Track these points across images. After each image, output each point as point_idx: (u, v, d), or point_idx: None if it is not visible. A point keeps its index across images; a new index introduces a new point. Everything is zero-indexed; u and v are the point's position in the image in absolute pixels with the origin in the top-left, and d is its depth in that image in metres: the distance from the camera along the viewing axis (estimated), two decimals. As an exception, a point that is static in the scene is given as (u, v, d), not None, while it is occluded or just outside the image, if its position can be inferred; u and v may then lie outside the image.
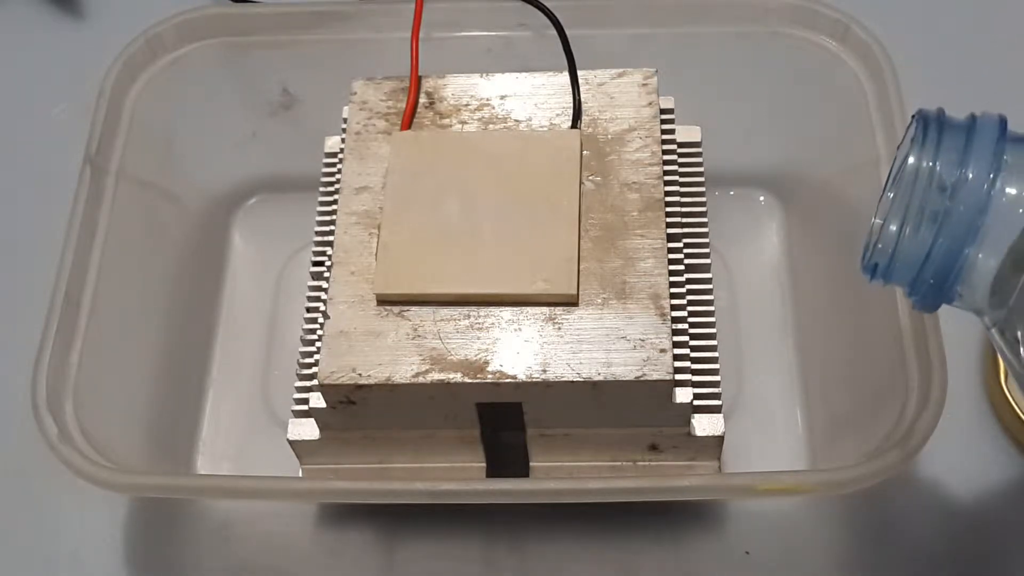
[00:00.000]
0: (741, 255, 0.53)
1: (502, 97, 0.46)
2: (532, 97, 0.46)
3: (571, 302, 0.41)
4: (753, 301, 0.52)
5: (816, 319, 0.51)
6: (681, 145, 0.47)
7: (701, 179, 0.47)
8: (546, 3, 0.47)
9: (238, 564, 0.47)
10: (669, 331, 0.41)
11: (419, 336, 0.41)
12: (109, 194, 0.48)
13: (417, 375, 0.40)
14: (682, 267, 0.43)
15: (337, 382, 0.40)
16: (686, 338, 0.42)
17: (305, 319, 0.44)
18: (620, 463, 0.44)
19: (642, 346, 0.40)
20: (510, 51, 0.51)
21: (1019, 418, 0.47)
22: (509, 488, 0.41)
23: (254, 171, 0.56)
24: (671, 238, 0.43)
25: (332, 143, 0.48)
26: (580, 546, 0.47)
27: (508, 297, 0.41)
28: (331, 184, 0.47)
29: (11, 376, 0.45)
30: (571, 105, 0.46)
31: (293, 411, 0.43)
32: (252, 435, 0.50)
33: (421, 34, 0.47)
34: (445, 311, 0.41)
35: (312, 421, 0.43)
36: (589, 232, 0.43)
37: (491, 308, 0.41)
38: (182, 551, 0.48)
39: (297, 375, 0.43)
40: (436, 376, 0.40)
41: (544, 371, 0.40)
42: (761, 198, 0.55)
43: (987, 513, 0.47)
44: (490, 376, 0.40)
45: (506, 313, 0.41)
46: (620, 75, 0.47)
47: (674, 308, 0.42)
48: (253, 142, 0.55)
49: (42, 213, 0.51)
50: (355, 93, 0.47)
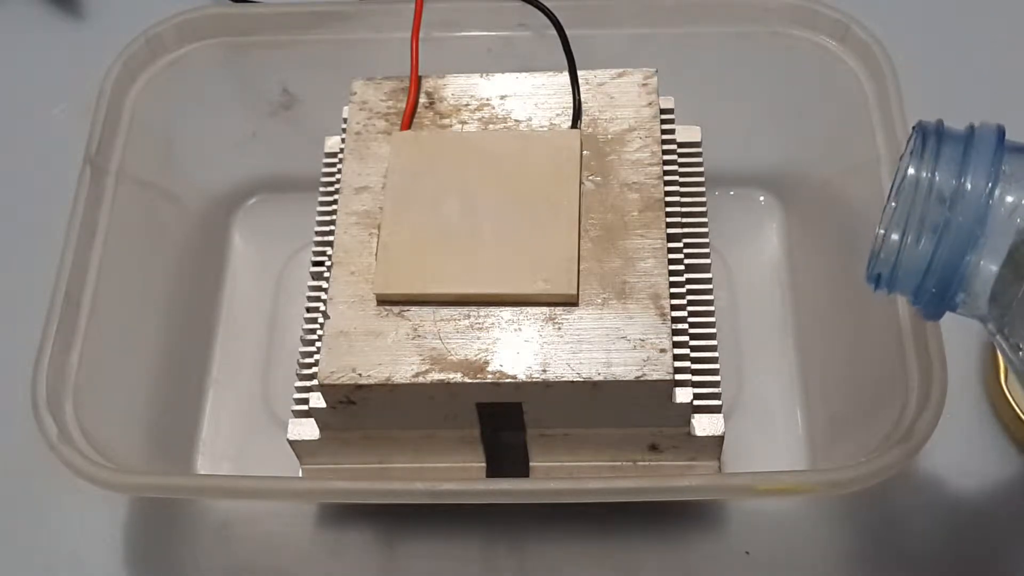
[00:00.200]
0: (741, 255, 0.53)
1: (502, 97, 0.46)
2: (532, 97, 0.46)
3: (571, 302, 0.41)
4: (753, 301, 0.52)
5: (816, 319, 0.51)
6: (681, 145, 0.47)
7: (701, 179, 0.47)
8: (546, 3, 0.47)
9: (238, 564, 0.47)
10: (669, 331, 0.41)
11: (419, 336, 0.41)
12: (109, 194, 0.48)
13: (417, 375, 0.40)
14: (682, 267, 0.43)
15: (337, 382, 0.40)
16: (686, 338, 0.42)
17: (305, 319, 0.44)
18: (620, 463, 0.44)
19: (642, 346, 0.40)
20: (510, 51, 0.51)
21: (1019, 418, 0.47)
22: (509, 488, 0.41)
23: (254, 171, 0.56)
24: (671, 238, 0.43)
25: (332, 143, 0.48)
26: (580, 546, 0.47)
27: (508, 297, 0.41)
28: (331, 184, 0.47)
29: (11, 376, 0.45)
30: (571, 105, 0.46)
31: (293, 411, 0.43)
32: (252, 435, 0.50)
33: (421, 34, 0.47)
34: (445, 311, 0.41)
35: (312, 421, 0.43)
36: (589, 232, 0.43)
37: (491, 308, 0.41)
38: (182, 551, 0.48)
39: (297, 375, 0.43)
40: (436, 376, 0.40)
41: (544, 371, 0.40)
42: (761, 198, 0.55)
43: (987, 512, 0.47)
44: (490, 376, 0.40)
45: (506, 313, 0.41)
46: (620, 75, 0.47)
47: (674, 308, 0.42)
48: (253, 142, 0.55)
49: (42, 213, 0.51)
50: (355, 93, 0.47)
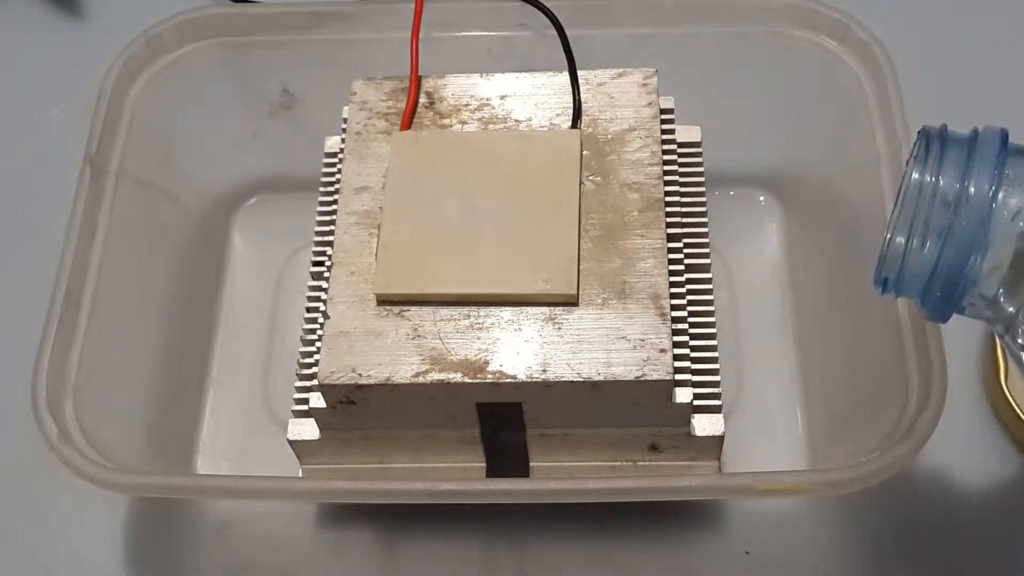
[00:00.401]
0: (741, 255, 0.53)
1: (502, 97, 0.46)
2: (532, 97, 0.46)
3: (571, 302, 0.41)
4: (753, 301, 0.52)
5: (816, 319, 0.51)
6: (681, 145, 0.47)
7: (701, 179, 0.47)
8: (546, 3, 0.47)
9: (238, 564, 0.47)
10: (669, 331, 0.41)
11: (419, 336, 0.41)
12: (109, 194, 0.48)
13: (417, 375, 0.40)
14: (682, 267, 0.43)
15: (337, 382, 0.40)
16: (686, 338, 0.42)
17: (305, 319, 0.44)
18: (620, 463, 0.44)
19: (642, 346, 0.40)
20: (510, 51, 0.51)
21: (1019, 418, 0.47)
22: (509, 488, 0.41)
23: (254, 171, 0.56)
24: (671, 238, 0.43)
25: (332, 143, 0.48)
26: (580, 546, 0.47)
27: (508, 297, 0.41)
28: (331, 184, 0.47)
29: (11, 376, 0.45)
30: (571, 105, 0.46)
31: (293, 411, 0.43)
32: (252, 435, 0.50)
33: (421, 34, 0.47)
34: (445, 311, 0.41)
35: (312, 421, 0.43)
36: (589, 232, 0.43)
37: (491, 308, 0.41)
38: (182, 551, 0.48)
39: (297, 375, 0.43)
40: (436, 376, 0.40)
41: (544, 371, 0.40)
42: (761, 198, 0.55)
43: (987, 512, 0.47)
44: (490, 376, 0.40)
45: (506, 313, 0.41)
46: (620, 75, 0.47)
47: (674, 308, 0.42)
48: (253, 142, 0.55)
49: (42, 213, 0.51)
50: (355, 93, 0.47)
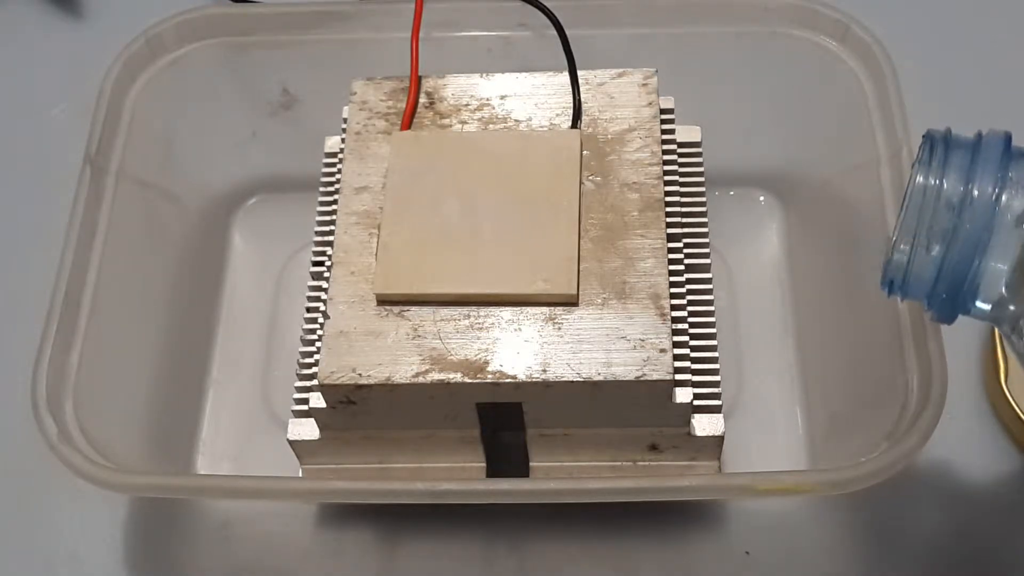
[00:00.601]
0: (741, 255, 0.53)
1: (502, 97, 0.46)
2: (532, 97, 0.46)
3: (571, 302, 0.41)
4: (753, 301, 0.52)
5: (816, 319, 0.51)
6: (681, 145, 0.47)
7: (701, 179, 0.47)
8: (546, 3, 0.47)
9: (238, 564, 0.47)
10: (669, 331, 0.41)
11: (419, 336, 0.41)
12: (109, 194, 0.48)
13: (417, 375, 0.40)
14: (682, 267, 0.43)
15: (337, 382, 0.40)
16: (686, 338, 0.42)
17: (305, 319, 0.44)
18: (620, 463, 0.44)
19: (642, 346, 0.40)
20: (510, 51, 0.51)
21: (1019, 418, 0.47)
22: (509, 488, 0.41)
23: (254, 171, 0.56)
24: (671, 238, 0.43)
25: (332, 143, 0.48)
26: (580, 546, 0.47)
27: (508, 297, 0.41)
28: (331, 184, 0.47)
29: (11, 376, 0.45)
30: (571, 105, 0.46)
31: (293, 411, 0.43)
32: (252, 435, 0.50)
33: (421, 34, 0.47)
34: (445, 311, 0.41)
35: (312, 421, 0.43)
36: (589, 232, 0.43)
37: (491, 308, 0.41)
38: (182, 551, 0.48)
39: (297, 375, 0.43)
40: (436, 376, 0.40)
41: (544, 371, 0.40)
42: (761, 198, 0.55)
43: (987, 512, 0.47)
44: (490, 376, 0.40)
45: (506, 313, 0.41)
46: (620, 75, 0.47)
47: (674, 308, 0.42)
48: (253, 142, 0.55)
49: (42, 213, 0.51)
50: (355, 93, 0.47)
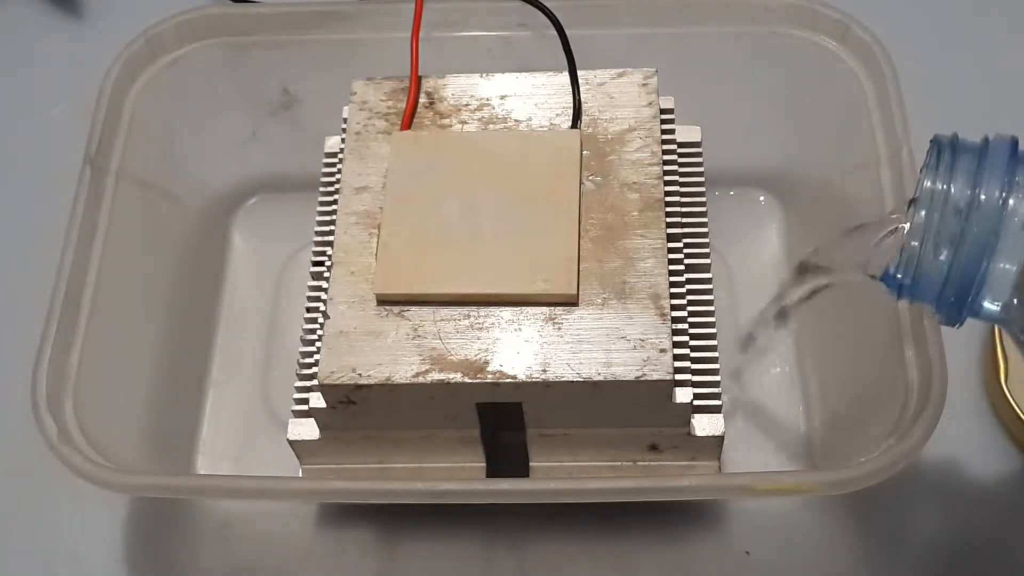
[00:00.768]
0: (741, 255, 0.53)
1: (502, 97, 0.46)
2: (532, 97, 0.46)
3: (571, 302, 0.41)
4: (753, 301, 0.52)
5: (816, 319, 0.51)
6: (681, 145, 0.47)
7: (701, 179, 0.47)
8: (546, 3, 0.47)
9: (238, 564, 0.47)
10: (669, 331, 0.41)
11: (419, 336, 0.41)
12: (109, 194, 0.48)
13: (417, 375, 0.40)
14: (682, 267, 0.43)
15: (337, 382, 0.40)
16: (686, 338, 0.42)
17: (305, 319, 0.44)
18: (620, 463, 0.44)
19: (642, 346, 0.40)
20: (510, 51, 0.51)
21: (1019, 418, 0.47)
22: (509, 488, 0.41)
23: (254, 171, 0.56)
24: (671, 238, 0.43)
25: (332, 143, 0.48)
26: (580, 546, 0.47)
27: (508, 297, 0.41)
28: (331, 184, 0.47)
29: (11, 376, 0.45)
30: (571, 105, 0.46)
31: (293, 411, 0.43)
32: (252, 435, 0.50)
33: (421, 34, 0.47)
34: (445, 311, 0.41)
35: (312, 421, 0.43)
36: (589, 232, 0.43)
37: (491, 308, 0.41)
38: (182, 551, 0.48)
39: (297, 375, 0.43)
40: (436, 376, 0.40)
41: (544, 371, 0.40)
42: (761, 198, 0.55)
43: (987, 512, 0.47)
44: (490, 376, 0.40)
45: (506, 313, 0.41)
46: (620, 75, 0.47)
47: (674, 308, 0.42)
48: (253, 142, 0.55)
49: (42, 213, 0.51)
50: (355, 93, 0.47)
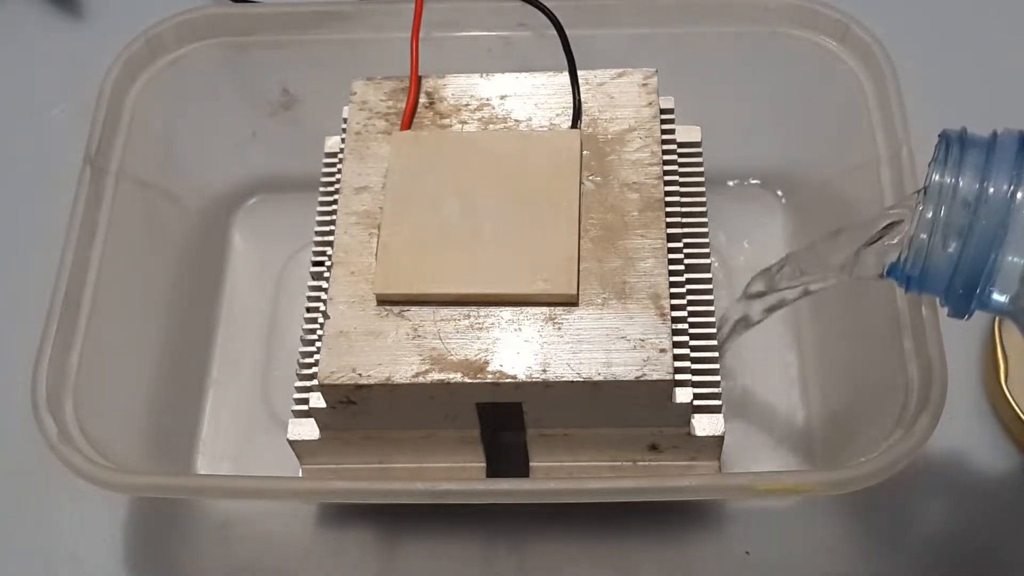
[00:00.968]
0: (741, 255, 0.53)
1: (502, 97, 0.46)
2: (532, 97, 0.46)
3: (571, 302, 0.41)
4: (753, 301, 0.52)
5: (816, 319, 0.51)
6: (681, 145, 0.47)
7: (701, 179, 0.47)
8: (546, 3, 0.47)
9: (238, 564, 0.47)
10: (669, 331, 0.41)
11: (419, 336, 0.41)
12: (109, 194, 0.48)
13: (417, 375, 0.40)
14: (682, 267, 0.43)
15: (337, 382, 0.40)
16: (686, 338, 0.42)
17: (305, 319, 0.44)
18: (620, 463, 0.44)
19: (642, 346, 0.40)
20: (510, 51, 0.51)
21: (1019, 418, 0.47)
22: (509, 488, 0.41)
23: (254, 171, 0.56)
24: (671, 238, 0.43)
25: (332, 143, 0.48)
26: (580, 546, 0.47)
27: (508, 297, 0.41)
28: (331, 184, 0.47)
29: (11, 376, 0.45)
30: (571, 105, 0.46)
31: (293, 411, 0.43)
32: (252, 435, 0.50)
33: (421, 34, 0.47)
34: (445, 311, 0.41)
35: (312, 421, 0.43)
36: (589, 232, 0.43)
37: (491, 308, 0.41)
38: (182, 551, 0.48)
39: (297, 375, 0.43)
40: (436, 376, 0.40)
41: (544, 371, 0.40)
42: (761, 198, 0.55)
43: (987, 512, 0.47)
44: (490, 376, 0.40)
45: (506, 313, 0.41)
46: (620, 75, 0.47)
47: (674, 308, 0.42)
48: (253, 142, 0.56)
49: (42, 213, 0.51)
50: (355, 93, 0.47)
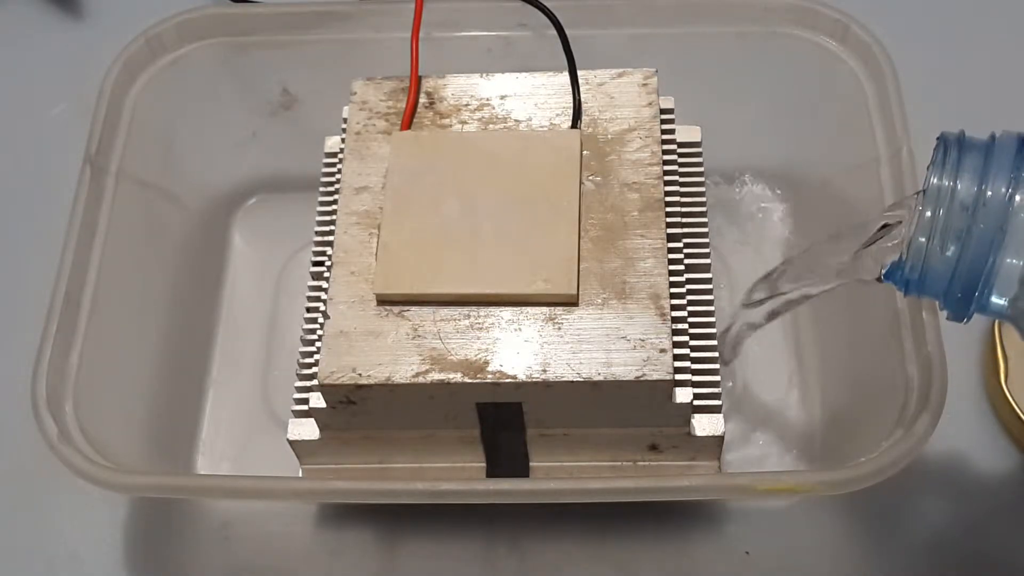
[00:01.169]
0: (741, 255, 0.53)
1: (502, 97, 0.46)
2: (532, 97, 0.46)
3: (571, 302, 0.41)
4: (753, 301, 0.52)
5: (816, 319, 0.51)
6: (681, 145, 0.47)
7: (701, 179, 0.47)
8: (546, 3, 0.47)
9: (238, 564, 0.47)
10: (669, 331, 0.41)
11: (419, 336, 0.41)
12: (109, 194, 0.48)
13: (417, 375, 0.40)
14: (682, 267, 0.43)
15: (337, 382, 0.40)
16: (686, 338, 0.42)
17: (305, 319, 0.44)
18: (620, 463, 0.44)
19: (642, 346, 0.40)
20: (510, 51, 0.51)
21: (1019, 418, 0.47)
22: (509, 488, 0.41)
23: (254, 171, 0.56)
24: (671, 238, 0.43)
25: (332, 143, 0.48)
26: (580, 546, 0.47)
27: (508, 297, 0.41)
28: (331, 184, 0.47)
29: (11, 376, 0.45)
30: (571, 105, 0.46)
31: (293, 411, 0.43)
32: (252, 435, 0.50)
33: (421, 34, 0.47)
34: (445, 311, 0.41)
35: (312, 421, 0.43)
36: (589, 232, 0.43)
37: (491, 308, 0.41)
38: (182, 551, 0.48)
39: (297, 375, 0.43)
40: (436, 376, 0.40)
41: (544, 371, 0.40)
42: (761, 198, 0.55)
43: (987, 512, 0.47)
44: (490, 376, 0.40)
45: (506, 313, 0.41)
46: (620, 75, 0.47)
47: (674, 308, 0.42)
48: (253, 142, 0.56)
49: (42, 213, 0.51)
50: (355, 93, 0.47)
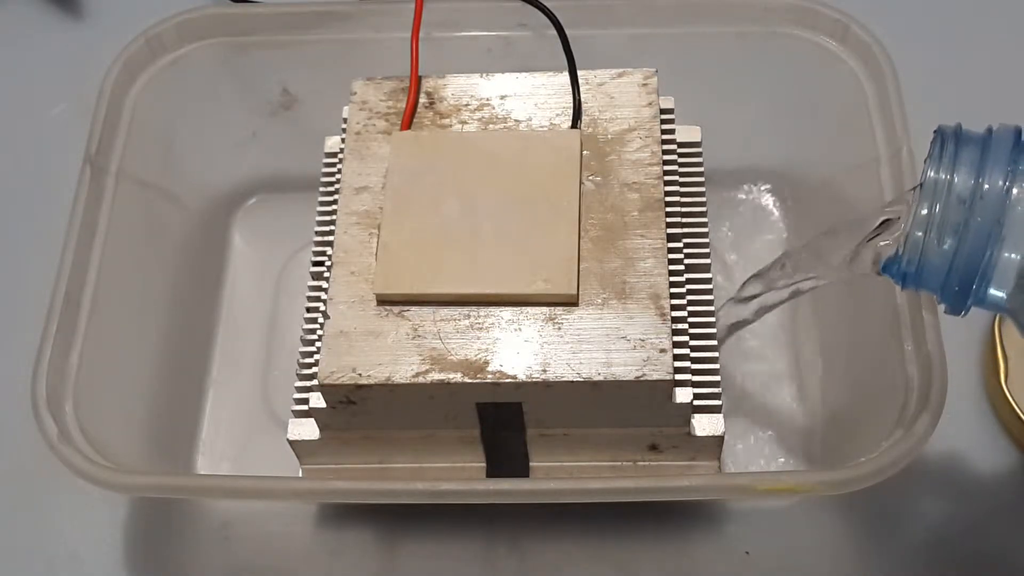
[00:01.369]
0: (741, 255, 0.53)
1: (502, 97, 0.46)
2: (532, 97, 0.46)
3: (571, 302, 0.41)
4: (753, 301, 0.52)
5: (816, 319, 0.51)
6: (681, 145, 0.47)
7: (701, 179, 0.47)
8: (546, 3, 0.47)
9: (238, 564, 0.47)
10: (669, 331, 0.41)
11: (419, 336, 0.41)
12: (109, 194, 0.48)
13: (417, 375, 0.40)
14: (682, 267, 0.43)
15: (337, 382, 0.40)
16: (686, 338, 0.42)
17: (305, 319, 0.44)
18: (620, 463, 0.44)
19: (642, 346, 0.40)
20: (510, 51, 0.51)
21: (1019, 418, 0.47)
22: (509, 488, 0.41)
23: (254, 171, 0.56)
24: (671, 238, 0.43)
25: (332, 143, 0.48)
26: (580, 546, 0.47)
27: (508, 297, 0.41)
28: (331, 184, 0.47)
29: (11, 376, 0.45)
30: (571, 105, 0.46)
31: (293, 411, 0.43)
32: (252, 435, 0.50)
33: (421, 34, 0.47)
34: (445, 311, 0.41)
35: (312, 421, 0.43)
36: (589, 232, 0.43)
37: (491, 308, 0.41)
38: (182, 551, 0.48)
39: (297, 375, 0.43)
40: (436, 376, 0.40)
41: (544, 371, 0.40)
42: (761, 198, 0.55)
43: (987, 512, 0.47)
44: (490, 376, 0.40)
45: (506, 313, 0.41)
46: (620, 75, 0.47)
47: (674, 308, 0.42)
48: (253, 142, 0.56)
49: (42, 213, 0.51)
50: (355, 93, 0.47)
